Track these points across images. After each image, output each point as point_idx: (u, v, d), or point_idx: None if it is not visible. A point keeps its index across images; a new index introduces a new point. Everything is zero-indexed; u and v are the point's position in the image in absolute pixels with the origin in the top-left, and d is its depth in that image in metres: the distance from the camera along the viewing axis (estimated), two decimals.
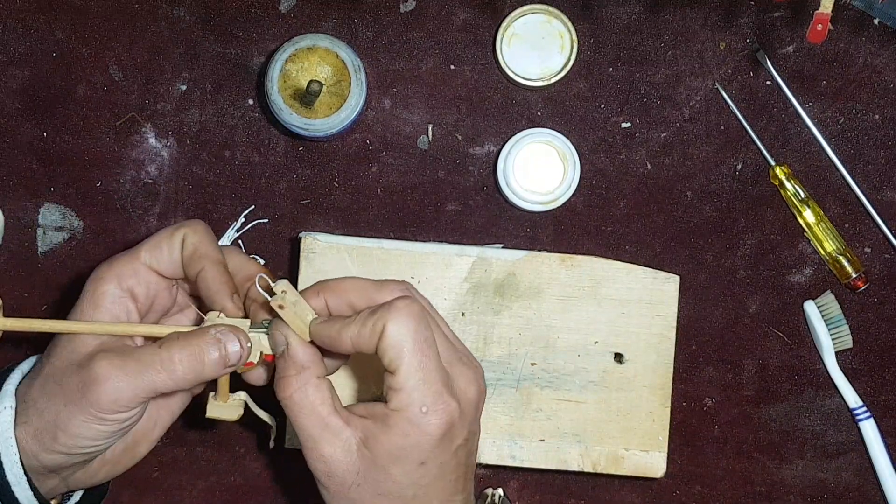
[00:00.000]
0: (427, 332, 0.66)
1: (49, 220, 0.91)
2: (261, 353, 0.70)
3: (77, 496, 0.78)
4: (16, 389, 0.72)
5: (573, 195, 0.89)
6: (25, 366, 0.74)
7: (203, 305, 0.72)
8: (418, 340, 0.65)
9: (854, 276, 0.89)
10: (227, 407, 0.72)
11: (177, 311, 0.76)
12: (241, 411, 0.73)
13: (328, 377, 0.69)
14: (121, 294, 0.71)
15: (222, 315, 0.70)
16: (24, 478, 0.70)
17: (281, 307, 0.67)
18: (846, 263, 0.89)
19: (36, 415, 0.70)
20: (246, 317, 0.71)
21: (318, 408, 0.67)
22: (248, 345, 0.70)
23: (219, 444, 0.92)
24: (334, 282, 0.70)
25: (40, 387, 0.70)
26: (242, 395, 0.73)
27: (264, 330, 0.70)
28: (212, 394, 0.72)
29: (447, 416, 0.66)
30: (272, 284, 0.67)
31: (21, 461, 0.70)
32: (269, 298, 0.67)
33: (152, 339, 0.71)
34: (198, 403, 0.75)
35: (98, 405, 0.68)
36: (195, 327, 0.70)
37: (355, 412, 0.68)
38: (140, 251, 0.72)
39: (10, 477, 0.70)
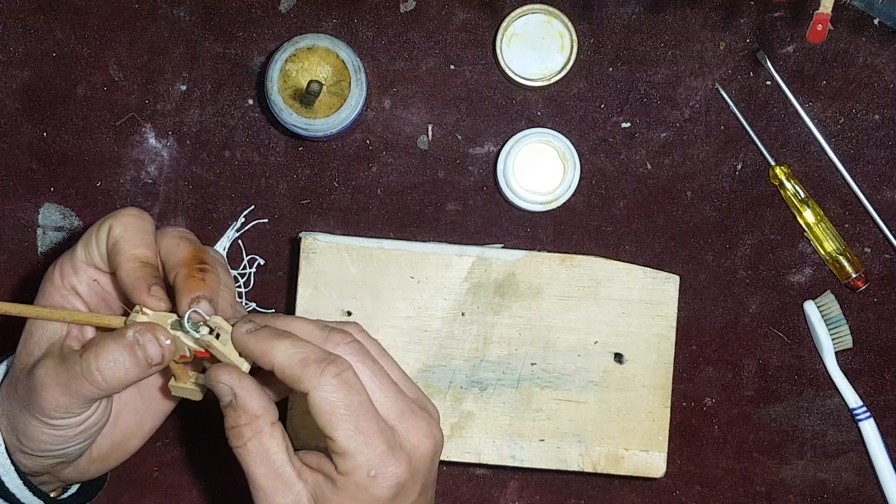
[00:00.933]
0: (359, 397, 0.62)
1: (49, 220, 0.91)
2: (188, 348, 0.66)
3: (74, 487, 0.78)
4: None
5: (573, 195, 0.90)
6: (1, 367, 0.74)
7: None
8: (351, 406, 0.62)
9: (854, 276, 0.89)
10: (187, 388, 0.69)
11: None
12: (200, 395, 0.69)
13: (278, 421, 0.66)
14: (65, 292, 0.69)
15: (145, 310, 0.66)
16: (13, 468, 0.70)
17: (209, 346, 0.64)
18: (846, 263, 0.89)
19: (5, 418, 0.70)
20: (173, 309, 0.67)
21: (273, 457, 0.64)
22: (168, 342, 0.66)
23: (219, 444, 0.91)
24: (281, 321, 0.66)
25: (6, 391, 0.70)
26: (202, 380, 0.69)
27: (189, 330, 0.65)
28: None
29: (395, 478, 0.63)
30: (187, 318, 0.64)
31: (7, 452, 0.70)
32: (195, 340, 0.65)
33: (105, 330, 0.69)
34: (198, 403, 0.75)
35: (42, 412, 0.67)
36: (120, 327, 0.67)
37: (308, 462, 0.65)
38: (77, 246, 0.70)
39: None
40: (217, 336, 0.66)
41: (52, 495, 0.76)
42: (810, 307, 0.90)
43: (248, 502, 0.93)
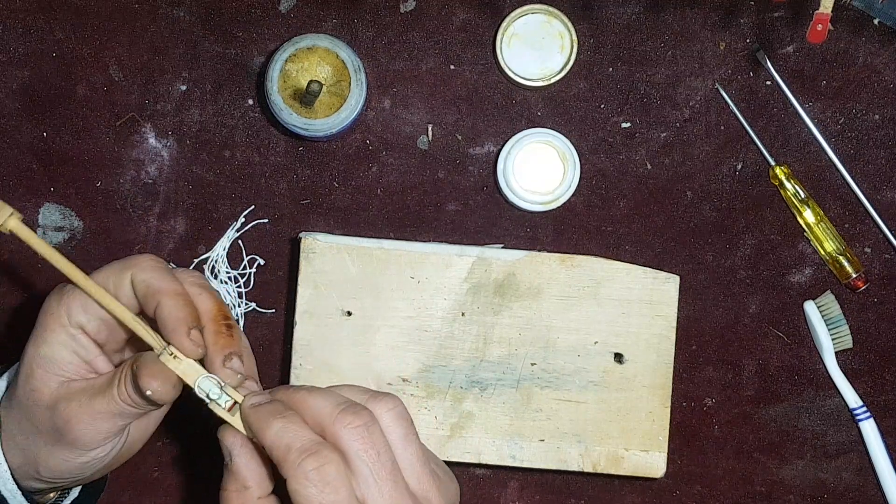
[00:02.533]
0: (336, 496, 0.59)
1: (49, 220, 0.91)
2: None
3: (75, 492, 0.78)
4: None
5: (573, 195, 0.90)
6: (8, 377, 0.73)
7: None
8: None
9: (854, 276, 0.89)
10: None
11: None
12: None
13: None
14: (73, 331, 0.67)
15: (176, 353, 0.65)
16: (19, 493, 0.70)
17: (228, 410, 0.64)
18: (846, 263, 0.89)
19: (17, 451, 0.69)
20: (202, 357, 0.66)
21: None
22: (174, 391, 0.66)
23: (219, 444, 0.91)
24: (300, 394, 0.64)
25: (17, 423, 0.69)
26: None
27: (216, 384, 0.66)
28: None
29: None
30: (210, 388, 0.64)
31: (11, 473, 0.70)
32: (208, 402, 0.65)
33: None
34: (197, 404, 0.75)
35: (77, 444, 0.67)
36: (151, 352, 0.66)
37: None
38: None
39: (5, 494, 0.70)
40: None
41: (51, 499, 0.76)
42: (810, 307, 0.90)
43: None
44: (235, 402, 0.65)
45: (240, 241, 0.91)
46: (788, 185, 0.90)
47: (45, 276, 0.91)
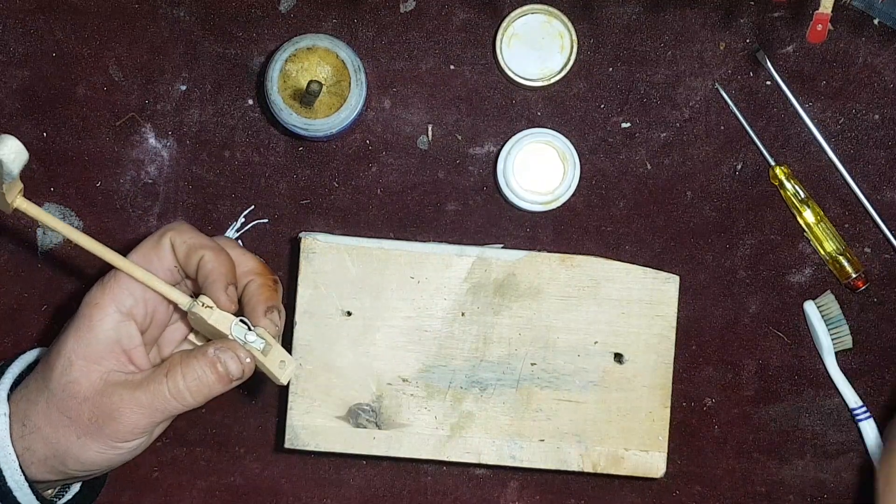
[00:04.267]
0: None
1: None
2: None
3: (76, 487, 0.78)
4: (8, 395, 0.72)
5: (573, 195, 0.90)
6: (16, 367, 0.74)
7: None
8: None
9: (854, 276, 0.89)
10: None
11: (175, 321, 0.76)
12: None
13: None
14: (121, 318, 0.70)
15: (208, 302, 0.70)
16: (26, 484, 0.70)
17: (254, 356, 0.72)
18: (846, 263, 0.89)
19: (42, 442, 0.70)
20: (239, 312, 0.72)
21: None
22: (248, 360, 0.71)
23: (219, 444, 0.92)
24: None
25: (44, 415, 0.70)
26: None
27: (255, 340, 0.71)
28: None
29: None
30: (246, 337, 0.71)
31: (21, 468, 0.70)
32: (242, 343, 0.71)
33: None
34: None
35: (116, 436, 0.70)
36: (197, 346, 0.72)
37: None
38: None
39: (11, 484, 0.70)
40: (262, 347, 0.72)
41: (51, 496, 0.76)
42: (810, 307, 0.90)
43: (248, 502, 0.93)
44: (266, 344, 0.71)
45: (240, 241, 0.91)
46: (788, 185, 0.90)
47: (44, 277, 0.91)
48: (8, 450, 0.70)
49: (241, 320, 0.71)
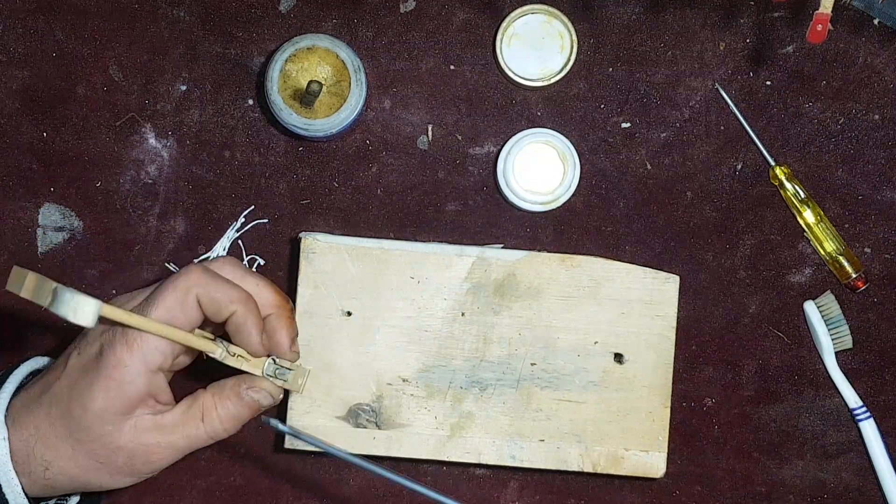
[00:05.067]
0: None
1: (49, 220, 0.91)
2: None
3: (76, 497, 0.78)
4: (5, 415, 0.72)
5: (573, 195, 0.90)
6: (10, 385, 0.74)
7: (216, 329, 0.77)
8: None
9: (854, 276, 0.89)
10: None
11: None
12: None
13: None
14: (151, 375, 0.71)
15: (236, 352, 0.75)
16: (23, 497, 0.71)
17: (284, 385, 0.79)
18: (846, 263, 0.89)
19: (67, 480, 0.72)
20: (268, 355, 0.78)
21: None
22: (279, 394, 0.77)
23: (219, 444, 0.91)
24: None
25: (71, 460, 0.71)
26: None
27: (282, 372, 0.78)
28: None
29: None
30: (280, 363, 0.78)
31: (22, 487, 0.71)
32: (273, 379, 0.78)
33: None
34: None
35: (149, 472, 0.73)
36: (227, 380, 0.77)
37: None
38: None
39: (9, 497, 0.71)
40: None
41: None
42: (810, 307, 0.90)
43: (248, 502, 0.93)
44: (293, 372, 0.79)
45: (240, 241, 0.91)
46: (788, 185, 0.90)
47: None
48: (10, 475, 0.70)
49: (272, 359, 0.78)
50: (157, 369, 0.71)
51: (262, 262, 0.91)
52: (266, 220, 0.91)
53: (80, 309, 0.66)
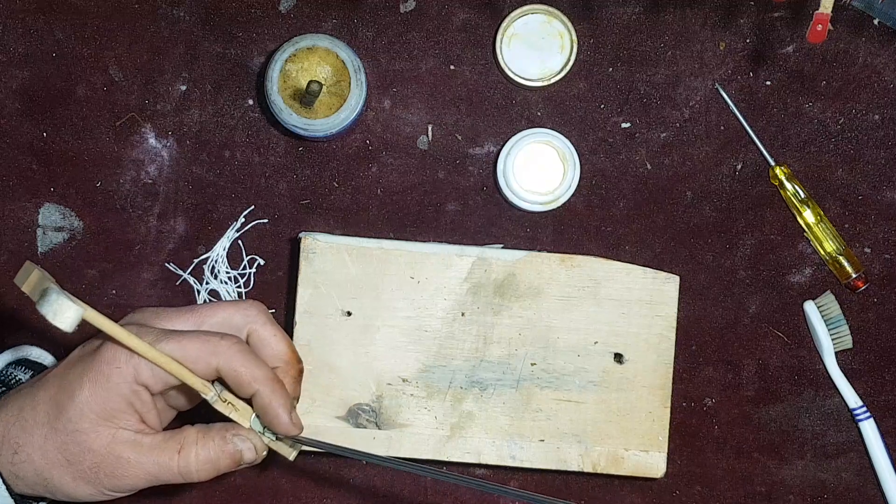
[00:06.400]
0: None
1: (49, 220, 0.91)
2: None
3: None
4: None
5: (573, 195, 0.90)
6: None
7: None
8: None
9: (854, 276, 0.89)
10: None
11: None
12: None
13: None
14: (138, 387, 0.71)
15: (228, 399, 0.72)
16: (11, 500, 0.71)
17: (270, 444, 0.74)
18: (846, 263, 0.89)
19: (32, 471, 0.71)
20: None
21: None
22: (264, 451, 0.73)
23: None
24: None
25: (40, 449, 0.71)
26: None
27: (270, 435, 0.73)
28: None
29: None
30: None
31: (7, 487, 0.71)
32: (261, 433, 0.73)
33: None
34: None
35: (112, 488, 0.71)
36: (215, 425, 0.73)
37: None
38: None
39: None
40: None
41: None
42: (810, 307, 0.90)
43: (248, 502, 0.93)
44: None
45: (240, 242, 0.91)
46: (788, 185, 0.90)
47: None
48: None
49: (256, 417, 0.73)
50: (143, 385, 0.70)
51: (262, 262, 0.91)
52: (266, 220, 0.91)
53: (61, 312, 0.65)
